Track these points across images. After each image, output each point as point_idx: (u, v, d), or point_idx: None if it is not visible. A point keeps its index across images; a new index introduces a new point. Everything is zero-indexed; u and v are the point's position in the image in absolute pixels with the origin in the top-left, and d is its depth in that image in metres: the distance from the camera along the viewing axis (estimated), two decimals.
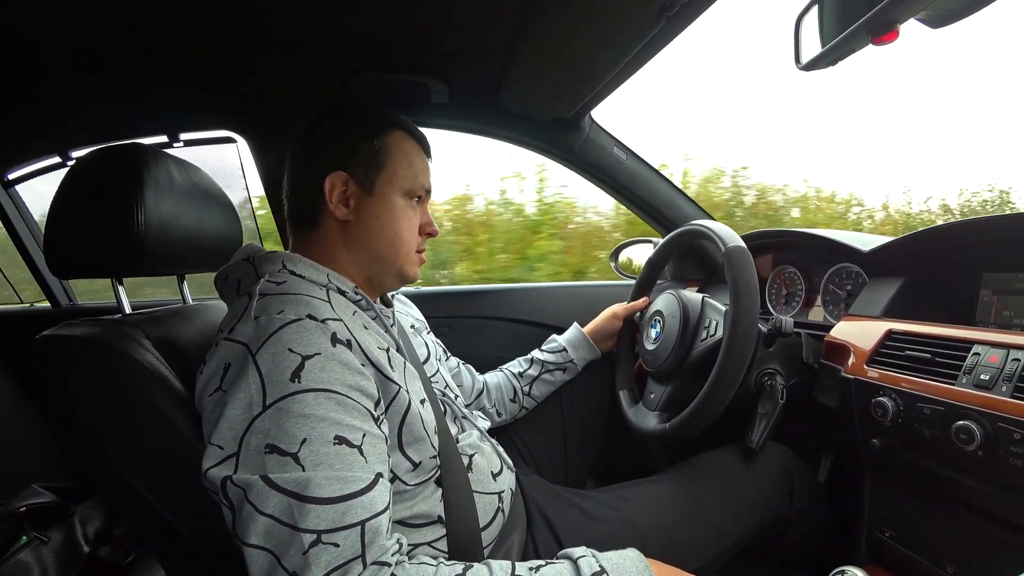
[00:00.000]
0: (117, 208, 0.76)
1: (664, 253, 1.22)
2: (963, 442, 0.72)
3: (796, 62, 0.83)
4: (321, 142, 0.80)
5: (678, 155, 4.39)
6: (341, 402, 0.61)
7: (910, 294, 1.01)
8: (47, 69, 1.12)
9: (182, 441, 0.67)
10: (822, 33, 0.78)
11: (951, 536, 0.84)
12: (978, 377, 0.74)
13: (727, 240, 0.94)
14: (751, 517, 0.94)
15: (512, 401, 1.17)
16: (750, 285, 0.88)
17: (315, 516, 0.54)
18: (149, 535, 0.81)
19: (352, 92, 1.24)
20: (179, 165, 0.86)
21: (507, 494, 0.87)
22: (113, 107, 1.35)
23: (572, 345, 1.20)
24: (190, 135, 1.45)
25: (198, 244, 0.89)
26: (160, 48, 1.06)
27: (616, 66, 1.08)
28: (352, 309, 0.74)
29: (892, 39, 0.67)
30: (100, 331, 0.72)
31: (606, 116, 1.43)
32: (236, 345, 0.62)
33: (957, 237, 0.98)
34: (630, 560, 0.65)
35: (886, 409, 0.83)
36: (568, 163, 1.50)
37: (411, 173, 0.81)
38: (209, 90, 1.27)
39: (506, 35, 1.01)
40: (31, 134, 1.50)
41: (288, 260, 0.74)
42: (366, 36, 1.06)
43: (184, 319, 0.85)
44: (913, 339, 0.87)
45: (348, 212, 0.78)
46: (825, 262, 1.25)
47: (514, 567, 0.61)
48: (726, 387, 0.87)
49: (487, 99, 1.33)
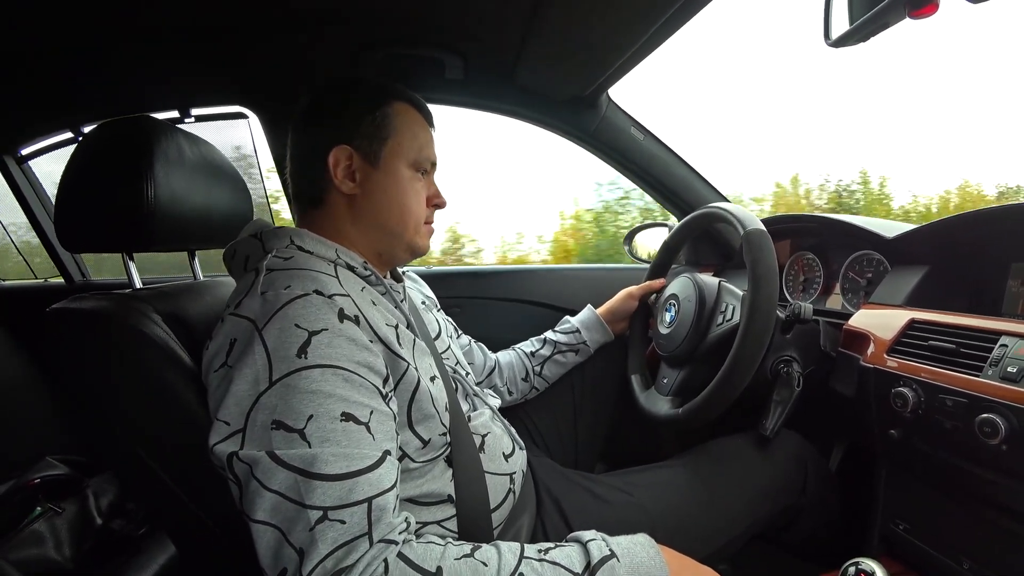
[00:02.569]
0: (127, 182, 0.75)
1: (681, 236, 1.19)
2: (987, 435, 0.70)
3: (825, 38, 0.80)
4: (323, 117, 0.79)
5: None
6: (348, 378, 0.60)
7: (934, 283, 0.98)
8: (59, 45, 1.11)
9: (190, 415, 0.67)
10: (853, 7, 0.75)
11: (968, 530, 0.82)
12: (1005, 369, 0.71)
13: (747, 223, 0.91)
14: (763, 505, 0.93)
15: (524, 380, 1.16)
16: (770, 269, 0.86)
17: (321, 493, 0.54)
18: (158, 508, 0.81)
19: (366, 67, 1.22)
20: (189, 140, 0.86)
21: (519, 475, 0.87)
22: (125, 82, 1.34)
23: (585, 327, 1.19)
24: (201, 110, 1.44)
25: (208, 219, 0.88)
26: (172, 23, 1.05)
27: (635, 43, 1.05)
28: (360, 285, 0.73)
29: (931, 12, 0.63)
30: (110, 305, 0.72)
31: (623, 95, 1.40)
32: (242, 320, 0.62)
33: (986, 225, 0.95)
34: (640, 545, 0.64)
35: (906, 400, 0.81)
36: (584, 143, 1.47)
37: (416, 144, 0.80)
38: (221, 65, 1.25)
39: (525, 9, 0.98)
40: (43, 110, 1.49)
41: (296, 235, 0.73)
42: (380, 10, 1.03)
43: (194, 295, 0.85)
44: (937, 329, 0.84)
45: (354, 186, 0.77)
46: (845, 248, 1.22)
47: (523, 549, 0.61)
48: (742, 373, 0.85)
49: (503, 76, 1.30)
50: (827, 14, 0.78)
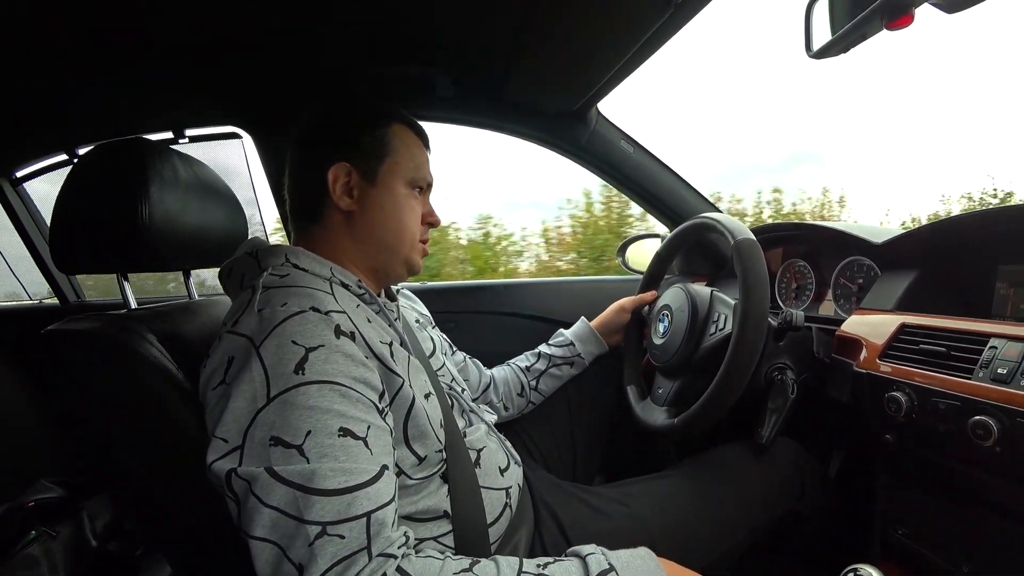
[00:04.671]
0: (122, 203, 0.76)
1: (672, 247, 1.20)
2: (980, 437, 0.70)
3: (807, 50, 0.82)
4: (322, 135, 0.80)
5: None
6: (345, 394, 0.60)
7: (924, 287, 0.99)
8: (53, 67, 1.12)
9: (186, 435, 0.67)
10: (833, 19, 0.77)
11: (966, 533, 0.83)
12: (995, 371, 0.72)
13: (736, 233, 0.92)
14: (761, 513, 0.93)
15: (519, 395, 1.16)
16: (760, 278, 0.87)
17: (320, 508, 0.54)
18: (154, 529, 0.81)
19: (358, 86, 1.23)
20: (184, 160, 0.86)
21: (514, 489, 0.87)
22: (119, 104, 1.35)
23: (579, 339, 1.19)
24: (195, 131, 1.45)
25: (203, 239, 0.88)
26: (165, 45, 1.06)
27: (623, 56, 1.06)
28: (355, 302, 0.74)
29: (907, 24, 0.65)
30: (105, 326, 0.72)
31: (613, 108, 1.42)
32: (239, 338, 0.62)
33: (973, 229, 0.96)
34: (640, 558, 0.64)
35: (900, 404, 0.81)
36: (574, 156, 1.49)
37: (413, 164, 0.82)
38: (214, 86, 1.27)
39: (512, 26, 1.00)
40: (38, 132, 1.50)
41: (291, 253, 0.74)
42: (371, 31, 1.05)
43: (189, 314, 0.85)
44: (928, 333, 0.85)
45: (352, 202, 0.78)
46: (836, 255, 1.23)
47: (521, 564, 0.61)
48: (736, 381, 0.86)
49: (493, 93, 1.31)
50: (808, 27, 0.80)
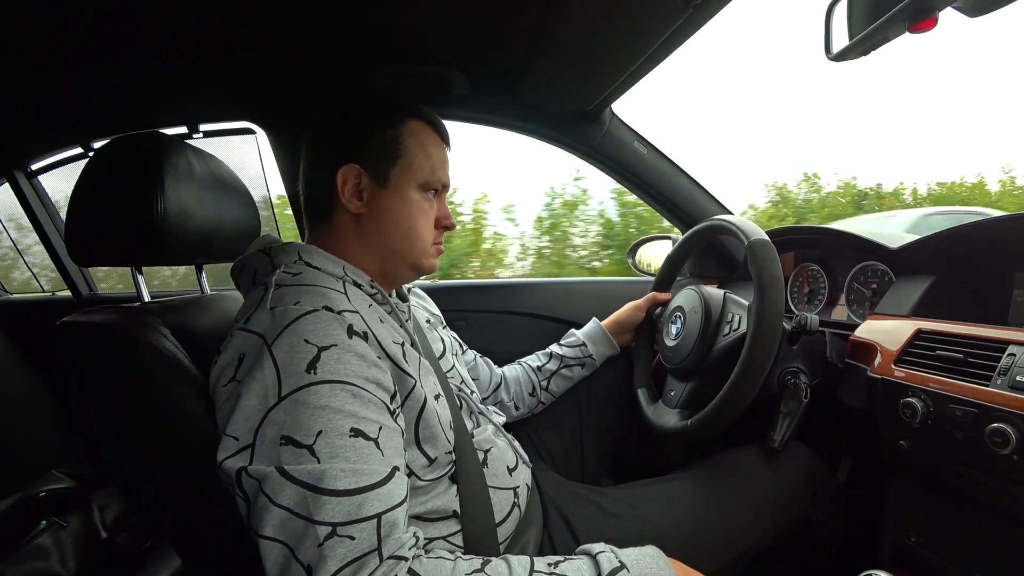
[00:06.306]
0: (136, 197, 0.76)
1: (685, 249, 1.19)
2: (997, 445, 0.69)
3: (826, 52, 0.81)
4: (334, 134, 0.79)
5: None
6: (357, 394, 0.60)
7: (940, 293, 0.98)
8: (69, 61, 1.13)
9: (198, 429, 0.67)
10: (853, 22, 0.76)
11: (980, 542, 0.82)
12: (1014, 378, 0.71)
13: (750, 234, 0.91)
14: (772, 518, 0.93)
15: (531, 395, 1.15)
16: (775, 278, 0.86)
17: (330, 508, 0.54)
18: (165, 522, 0.81)
19: (373, 83, 1.23)
20: (198, 155, 0.87)
21: (523, 489, 0.86)
22: (134, 98, 1.35)
23: (591, 340, 1.19)
24: (210, 126, 1.46)
25: (216, 234, 0.89)
26: (180, 41, 1.06)
27: (639, 58, 1.06)
28: (368, 302, 0.74)
29: (930, 27, 0.64)
30: (118, 318, 0.72)
31: (627, 109, 1.42)
32: (251, 336, 0.62)
33: (989, 236, 0.95)
34: (650, 557, 0.64)
35: (915, 410, 0.80)
36: (587, 157, 1.48)
37: (428, 165, 0.79)
38: (229, 82, 1.27)
39: (530, 25, 0.99)
40: (54, 125, 1.51)
41: (304, 251, 0.74)
42: (387, 28, 1.05)
43: (202, 309, 0.85)
44: (944, 339, 0.84)
45: (361, 205, 0.77)
46: (850, 260, 1.22)
47: (533, 563, 0.61)
48: (751, 382, 0.85)
49: (508, 92, 1.31)
50: (827, 29, 0.80)
